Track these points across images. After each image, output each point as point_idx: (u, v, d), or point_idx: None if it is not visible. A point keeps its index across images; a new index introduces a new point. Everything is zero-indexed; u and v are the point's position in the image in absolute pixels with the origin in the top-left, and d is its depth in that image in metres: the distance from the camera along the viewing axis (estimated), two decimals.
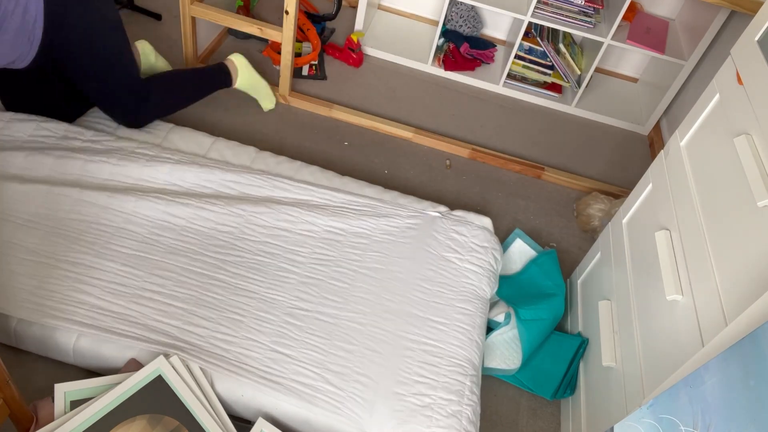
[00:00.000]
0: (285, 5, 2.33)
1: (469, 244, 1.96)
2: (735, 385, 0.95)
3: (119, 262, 1.73)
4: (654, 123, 2.94)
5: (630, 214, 1.83)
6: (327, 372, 1.61)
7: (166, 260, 1.76)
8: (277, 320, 1.69)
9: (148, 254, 1.76)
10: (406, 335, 1.72)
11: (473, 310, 1.81)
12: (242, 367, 1.58)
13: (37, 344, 1.62)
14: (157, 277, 1.72)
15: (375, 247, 1.90)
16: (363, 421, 1.55)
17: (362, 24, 2.95)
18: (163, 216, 1.84)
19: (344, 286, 1.80)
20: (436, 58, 3.03)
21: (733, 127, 1.40)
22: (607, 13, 2.79)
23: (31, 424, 1.43)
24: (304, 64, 2.81)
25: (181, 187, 1.95)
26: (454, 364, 1.68)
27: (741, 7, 2.33)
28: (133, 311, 1.64)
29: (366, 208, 1.99)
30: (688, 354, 1.29)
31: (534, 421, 1.87)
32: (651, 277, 1.57)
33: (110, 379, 1.52)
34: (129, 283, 1.69)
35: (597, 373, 1.74)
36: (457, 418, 1.58)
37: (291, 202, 1.97)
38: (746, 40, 1.45)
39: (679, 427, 1.06)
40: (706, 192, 1.44)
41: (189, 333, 1.62)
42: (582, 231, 2.45)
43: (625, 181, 2.72)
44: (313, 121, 2.62)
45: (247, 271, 1.78)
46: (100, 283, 1.67)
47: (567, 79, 2.94)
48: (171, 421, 1.47)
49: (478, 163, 2.63)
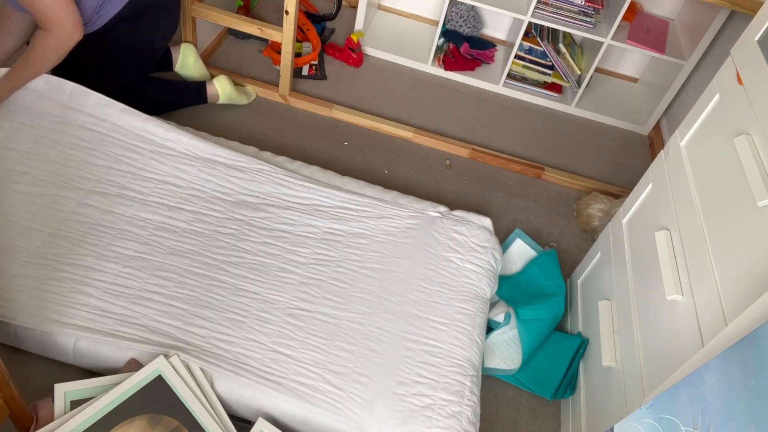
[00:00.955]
0: (285, 5, 2.33)
1: (469, 243, 1.96)
2: (735, 385, 0.95)
3: (121, 264, 1.73)
4: (654, 123, 2.94)
5: (630, 214, 1.83)
6: (327, 372, 1.61)
7: (168, 261, 1.76)
8: (278, 320, 1.69)
9: (150, 256, 1.76)
10: (406, 335, 1.72)
11: (473, 309, 1.81)
12: (243, 367, 1.58)
13: (37, 344, 1.62)
14: (159, 279, 1.71)
15: (375, 248, 1.90)
16: (363, 422, 1.54)
17: (362, 24, 2.95)
18: (164, 219, 1.85)
19: (344, 286, 1.80)
20: (436, 58, 3.03)
21: (733, 127, 1.40)
22: (607, 13, 2.79)
23: (31, 424, 1.43)
24: (304, 64, 2.81)
25: (183, 180, 1.96)
26: (455, 364, 1.68)
27: (741, 7, 2.33)
28: (134, 312, 1.64)
29: (366, 208, 1.99)
30: (688, 354, 1.29)
31: (534, 421, 1.87)
32: (651, 277, 1.57)
33: (110, 379, 1.52)
34: (130, 284, 1.69)
35: (597, 373, 1.74)
36: (457, 419, 1.58)
37: (291, 204, 1.97)
38: (746, 40, 1.44)
39: (679, 427, 1.06)
40: (706, 192, 1.44)
41: (190, 333, 1.62)
42: (582, 231, 2.45)
43: (625, 181, 2.72)
44: (313, 121, 2.62)
45: (248, 271, 1.78)
46: (102, 285, 1.67)
47: (567, 79, 2.94)
48: (171, 421, 1.47)
49: (478, 163, 2.63)
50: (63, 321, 1.59)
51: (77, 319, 1.60)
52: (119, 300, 1.65)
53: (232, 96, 2.51)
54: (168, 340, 1.60)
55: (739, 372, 0.95)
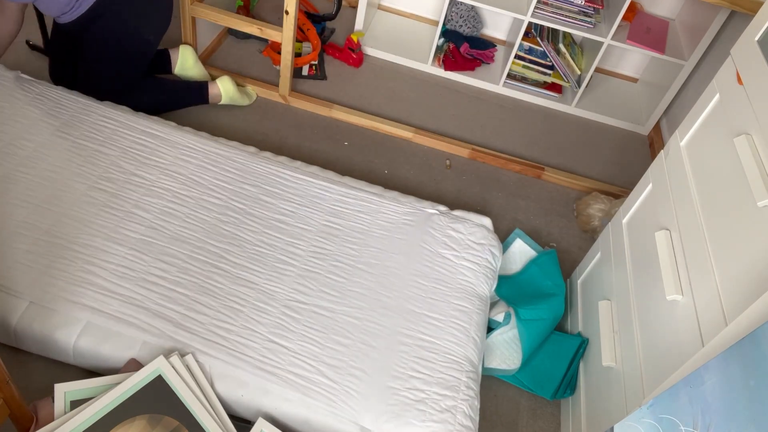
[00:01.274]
0: (285, 5, 2.33)
1: (466, 241, 1.97)
2: (735, 385, 0.95)
3: (127, 246, 1.77)
4: (654, 123, 2.94)
5: (630, 214, 1.83)
6: (322, 365, 1.62)
7: (172, 247, 1.80)
8: (276, 312, 1.70)
9: (155, 239, 1.80)
10: (402, 330, 1.73)
11: (470, 306, 1.82)
12: (239, 357, 1.59)
13: (37, 344, 1.62)
14: (162, 263, 1.75)
15: (372, 243, 1.92)
16: (357, 414, 1.56)
17: (362, 24, 2.95)
18: (168, 204, 1.89)
19: (341, 280, 1.81)
20: (436, 58, 3.03)
21: (733, 127, 1.40)
22: (607, 13, 2.79)
23: (31, 424, 1.43)
24: (304, 64, 2.81)
25: (186, 168, 2.00)
26: (450, 360, 1.69)
27: (741, 7, 2.33)
28: (138, 294, 1.67)
29: (363, 202, 2.02)
30: (688, 354, 1.29)
31: (534, 421, 1.87)
32: (651, 277, 1.57)
33: (110, 379, 1.52)
34: (136, 266, 1.73)
35: (597, 373, 1.74)
36: (451, 413, 1.58)
37: (289, 195, 2.00)
38: (746, 40, 1.44)
39: (679, 427, 1.06)
40: (706, 192, 1.44)
41: (190, 319, 1.65)
42: (582, 231, 2.45)
43: (625, 181, 2.72)
44: (313, 121, 2.62)
45: (248, 261, 1.80)
46: (109, 266, 1.72)
47: (567, 79, 2.94)
48: (171, 421, 1.47)
49: (478, 163, 2.63)
50: (71, 300, 1.63)
51: (84, 298, 1.64)
52: (125, 282, 1.69)
53: (234, 97, 2.51)
54: (169, 325, 1.62)
55: (739, 372, 0.95)
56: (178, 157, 2.03)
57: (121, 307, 1.64)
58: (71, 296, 1.63)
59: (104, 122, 2.08)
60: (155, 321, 1.63)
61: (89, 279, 1.68)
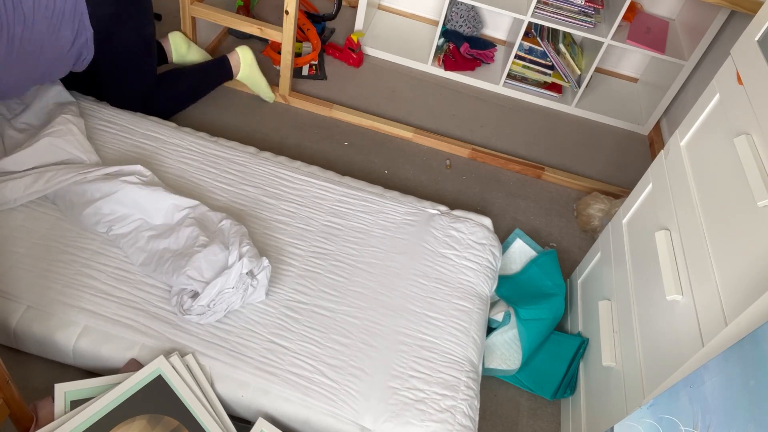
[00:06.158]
0: (285, 5, 2.33)
1: (467, 241, 1.97)
2: (735, 385, 0.95)
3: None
4: (654, 123, 2.94)
5: (630, 214, 1.83)
6: (322, 364, 1.62)
7: None
8: (276, 312, 1.70)
9: None
10: (402, 330, 1.73)
11: (470, 306, 1.82)
12: (239, 358, 1.59)
13: (37, 345, 1.62)
14: None
15: (372, 242, 1.92)
16: (357, 414, 1.56)
17: (362, 24, 2.95)
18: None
19: (342, 280, 1.81)
20: (436, 58, 3.03)
21: (733, 127, 1.40)
22: (607, 13, 2.79)
23: (31, 424, 1.43)
24: (304, 64, 2.81)
25: (186, 171, 2.00)
26: (450, 359, 1.69)
27: (741, 7, 2.33)
28: (136, 297, 1.67)
29: (364, 202, 2.02)
30: (688, 354, 1.29)
31: (534, 421, 1.87)
32: (651, 277, 1.57)
33: (110, 379, 1.52)
34: (133, 269, 1.72)
35: (597, 373, 1.74)
36: (451, 413, 1.59)
37: (290, 196, 1.99)
38: (746, 40, 1.45)
39: (679, 427, 1.06)
40: (706, 192, 1.44)
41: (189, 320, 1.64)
42: (582, 231, 2.45)
43: (625, 181, 2.72)
44: (313, 121, 2.62)
45: None
46: (106, 269, 1.71)
47: (567, 79, 2.94)
48: (171, 421, 1.47)
49: (478, 163, 2.63)
50: (69, 303, 1.62)
51: (82, 301, 1.63)
52: (122, 284, 1.68)
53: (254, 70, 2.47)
54: (168, 327, 1.62)
55: (739, 372, 0.95)
56: (179, 159, 2.02)
57: (119, 310, 1.63)
58: (69, 299, 1.63)
59: (104, 126, 2.07)
60: (154, 323, 1.62)
61: (87, 282, 1.67)
